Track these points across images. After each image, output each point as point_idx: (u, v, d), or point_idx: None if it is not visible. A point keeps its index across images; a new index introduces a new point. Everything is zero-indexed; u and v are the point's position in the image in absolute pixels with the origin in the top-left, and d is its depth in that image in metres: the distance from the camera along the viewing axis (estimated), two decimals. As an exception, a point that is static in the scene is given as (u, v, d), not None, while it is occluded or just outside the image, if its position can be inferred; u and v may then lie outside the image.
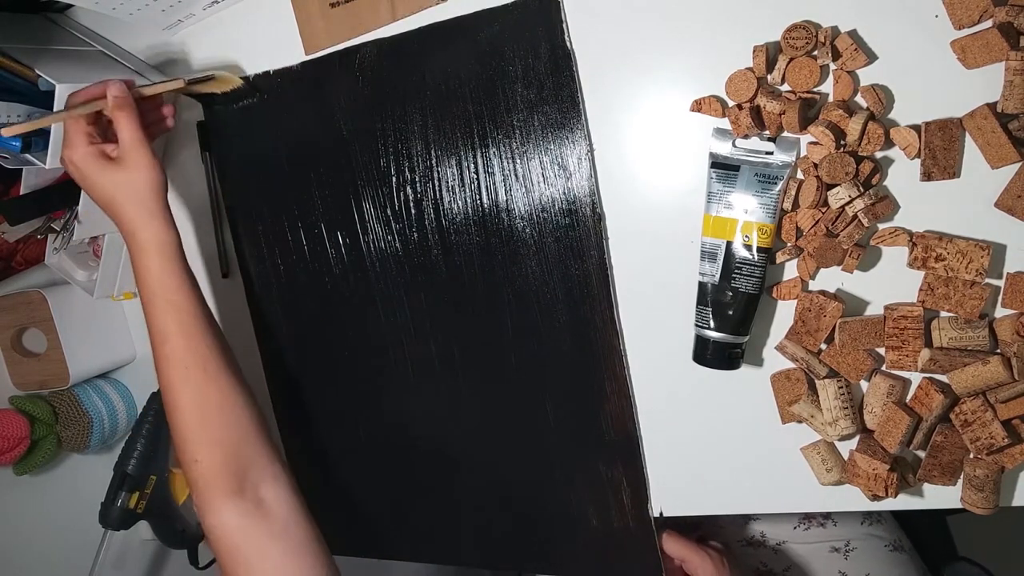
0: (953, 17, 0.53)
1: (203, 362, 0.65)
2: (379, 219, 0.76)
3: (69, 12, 0.85)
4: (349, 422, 0.83)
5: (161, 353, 0.65)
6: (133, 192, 0.64)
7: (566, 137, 0.66)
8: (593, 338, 0.69)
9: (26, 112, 0.74)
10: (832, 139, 0.55)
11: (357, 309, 0.79)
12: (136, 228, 0.65)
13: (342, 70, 0.74)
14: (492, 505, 0.78)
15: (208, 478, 0.64)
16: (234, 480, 0.64)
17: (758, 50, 0.57)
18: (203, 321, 0.66)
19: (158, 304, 0.65)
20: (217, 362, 0.66)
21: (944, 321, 0.56)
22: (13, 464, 0.92)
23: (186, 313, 0.65)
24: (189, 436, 0.64)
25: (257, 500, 0.65)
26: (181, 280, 0.66)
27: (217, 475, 0.64)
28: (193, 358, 0.65)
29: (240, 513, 0.63)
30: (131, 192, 0.64)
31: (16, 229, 0.89)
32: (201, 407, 0.65)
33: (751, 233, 0.58)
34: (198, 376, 0.65)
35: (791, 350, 0.61)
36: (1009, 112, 0.51)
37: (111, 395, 0.95)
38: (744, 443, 0.66)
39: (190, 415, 0.65)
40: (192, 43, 0.81)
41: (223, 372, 0.66)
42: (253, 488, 0.65)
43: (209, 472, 0.64)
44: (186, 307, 0.65)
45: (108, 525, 0.86)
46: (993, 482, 0.56)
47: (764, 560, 0.84)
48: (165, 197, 0.67)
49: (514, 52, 0.66)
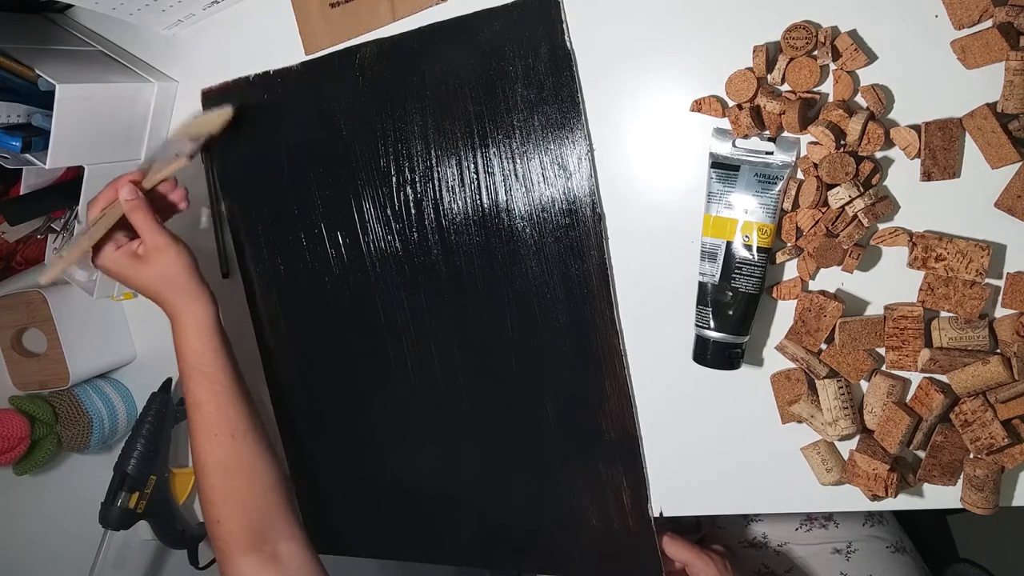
0: (953, 17, 0.52)
1: (232, 429, 0.70)
2: (379, 219, 0.76)
3: (69, 12, 0.85)
4: (348, 422, 0.83)
5: (194, 419, 0.70)
6: (167, 281, 0.70)
7: (566, 137, 0.66)
8: (593, 338, 0.69)
9: (26, 112, 0.74)
10: (832, 139, 0.55)
11: (357, 309, 0.79)
12: (177, 311, 0.70)
13: (342, 70, 0.74)
14: (492, 505, 0.78)
15: (230, 539, 0.69)
16: (254, 539, 0.69)
17: (758, 50, 0.57)
18: (235, 391, 0.71)
19: (194, 376, 0.70)
20: (245, 429, 0.71)
21: (944, 321, 0.56)
22: (13, 464, 0.92)
23: (219, 384, 0.70)
24: (215, 497, 0.69)
25: (273, 554, 0.70)
26: (216, 353, 0.71)
27: (239, 536, 0.69)
28: (223, 426, 0.70)
29: (256, 565, 0.69)
30: (166, 282, 0.70)
31: (16, 229, 0.89)
32: (227, 471, 0.70)
33: (751, 233, 0.58)
34: (226, 443, 0.70)
35: (791, 350, 0.61)
36: (1009, 112, 0.51)
37: (111, 395, 0.95)
38: (744, 443, 0.66)
39: (216, 478, 0.70)
40: (192, 43, 0.81)
41: (250, 438, 0.71)
42: (271, 544, 0.70)
43: (231, 534, 0.69)
44: (220, 378, 0.70)
45: (108, 525, 0.86)
46: (993, 482, 0.55)
47: (766, 561, 0.84)
48: (198, 272, 0.71)
49: (514, 52, 0.66)
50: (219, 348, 0.71)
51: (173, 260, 0.69)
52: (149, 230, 0.69)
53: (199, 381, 0.70)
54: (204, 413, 0.69)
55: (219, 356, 0.71)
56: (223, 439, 0.69)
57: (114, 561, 0.98)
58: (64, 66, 0.73)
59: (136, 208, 0.68)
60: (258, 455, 0.71)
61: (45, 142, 0.72)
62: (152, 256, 0.69)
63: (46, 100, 0.70)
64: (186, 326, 0.70)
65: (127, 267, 0.69)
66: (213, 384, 0.70)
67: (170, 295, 0.70)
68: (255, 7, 0.77)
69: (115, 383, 0.97)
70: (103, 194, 0.69)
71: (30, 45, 0.75)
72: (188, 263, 0.70)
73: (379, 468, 0.83)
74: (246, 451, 0.70)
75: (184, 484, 0.91)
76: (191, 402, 0.70)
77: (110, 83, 0.77)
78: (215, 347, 0.70)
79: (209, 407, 0.69)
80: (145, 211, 0.68)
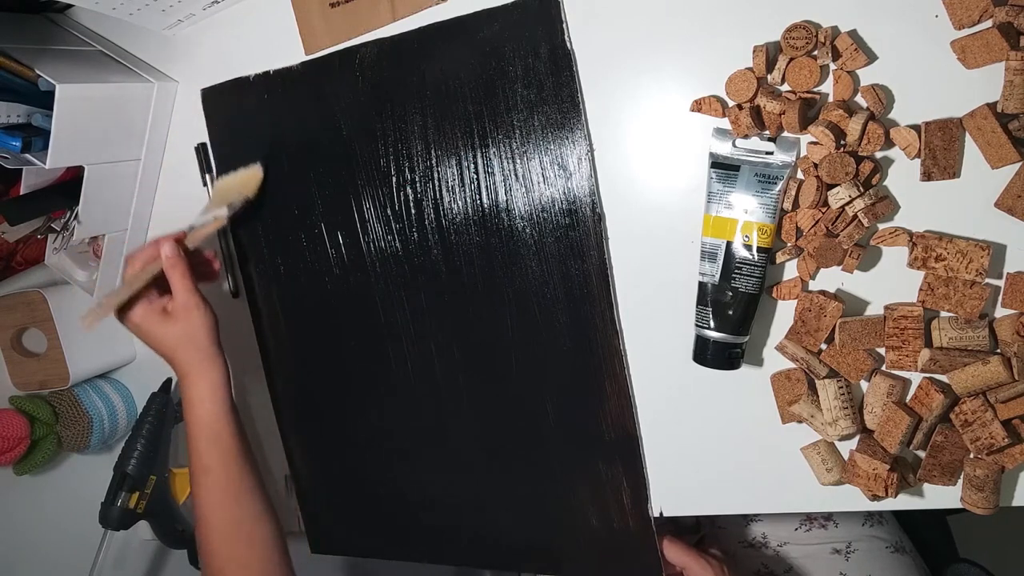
0: (953, 17, 0.52)
1: (236, 492, 0.72)
2: (379, 219, 0.76)
3: (69, 12, 0.85)
4: (348, 422, 0.83)
5: (202, 482, 0.71)
6: (189, 340, 0.71)
7: (566, 137, 0.66)
8: (593, 338, 0.69)
9: (26, 112, 0.74)
10: (832, 139, 0.55)
11: (357, 309, 0.79)
12: (191, 371, 0.71)
13: (342, 70, 0.74)
14: (492, 505, 0.78)
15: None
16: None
17: (758, 50, 0.57)
18: (242, 453, 0.72)
19: (203, 438, 0.71)
20: (249, 490, 0.72)
21: (944, 321, 0.56)
22: (13, 464, 0.92)
23: (228, 448, 0.72)
24: (217, 553, 0.71)
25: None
26: (228, 418, 0.72)
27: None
28: (229, 489, 0.71)
29: None
30: (188, 341, 0.71)
31: (16, 229, 0.89)
32: (230, 530, 0.71)
33: (751, 233, 0.58)
34: (231, 504, 0.71)
35: (791, 350, 0.61)
36: (1009, 112, 0.51)
37: (111, 395, 0.95)
38: (744, 443, 0.66)
39: (219, 536, 0.71)
40: (192, 43, 0.81)
41: (254, 499, 0.72)
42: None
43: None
44: (229, 443, 0.72)
45: (108, 525, 0.85)
46: (993, 482, 0.55)
47: (765, 562, 0.84)
48: (218, 335, 0.73)
49: (514, 52, 0.66)
50: (230, 412, 0.72)
51: (199, 320, 0.71)
52: (183, 288, 0.70)
53: (209, 446, 0.71)
54: (213, 478, 0.71)
55: (230, 421, 0.72)
56: (228, 502, 0.71)
57: (114, 561, 0.98)
58: (64, 66, 0.73)
59: (175, 266, 0.70)
60: (260, 514, 0.72)
61: (45, 142, 0.72)
62: (180, 314, 0.71)
63: (46, 100, 0.70)
64: (200, 388, 0.71)
65: (154, 323, 0.71)
66: (223, 449, 0.71)
67: (188, 355, 0.71)
68: (255, 7, 0.77)
69: (115, 383, 0.97)
70: (144, 251, 0.71)
71: (30, 45, 0.75)
72: (212, 325, 0.72)
73: (379, 468, 0.83)
74: (249, 512, 0.72)
75: (184, 484, 0.91)
76: (199, 465, 0.71)
77: (110, 83, 0.77)
78: (227, 411, 0.72)
79: (218, 472, 0.71)
80: (183, 270, 0.71)
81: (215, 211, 0.75)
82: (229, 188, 0.80)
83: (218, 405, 0.71)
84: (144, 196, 0.86)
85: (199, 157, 0.83)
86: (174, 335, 0.71)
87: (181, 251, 0.71)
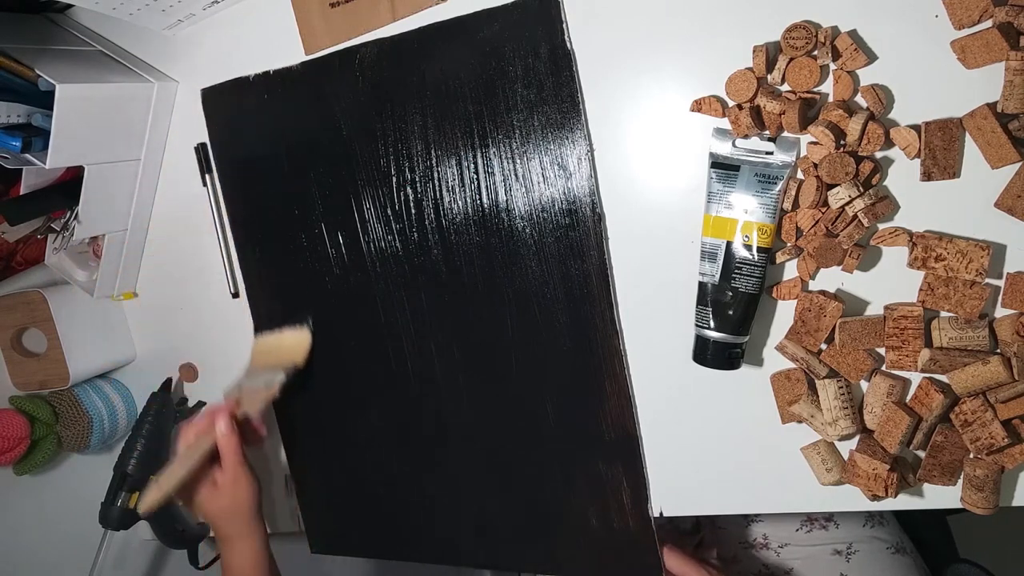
0: (953, 17, 0.52)
1: None
2: (379, 219, 0.76)
3: (69, 12, 0.85)
4: (349, 422, 0.83)
5: None
6: (236, 511, 0.74)
7: (566, 137, 0.66)
8: (593, 338, 0.69)
9: (26, 112, 0.74)
10: (832, 139, 0.55)
11: (357, 309, 0.79)
12: (236, 539, 0.75)
13: (342, 70, 0.74)
14: (492, 505, 0.78)
15: None
16: None
17: (758, 50, 0.57)
18: None
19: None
20: None
21: (944, 321, 0.56)
22: (13, 464, 0.92)
23: None
24: None
25: None
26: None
27: None
28: None
29: None
30: (233, 512, 0.74)
31: (16, 229, 0.89)
32: None
33: (751, 233, 0.58)
34: None
35: (791, 350, 0.61)
36: (1009, 112, 0.51)
37: (111, 395, 0.95)
38: (744, 443, 0.66)
39: None
40: (192, 43, 0.81)
41: None
42: None
43: None
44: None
45: (108, 525, 0.85)
46: (993, 482, 0.55)
47: (766, 562, 0.84)
48: (260, 503, 0.76)
49: (514, 52, 0.66)
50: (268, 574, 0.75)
51: (244, 493, 0.74)
52: (234, 463, 0.73)
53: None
54: None
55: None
56: None
57: (114, 561, 0.98)
58: (64, 66, 0.73)
59: (230, 441, 0.73)
60: None
61: (45, 142, 0.72)
62: (229, 488, 0.73)
63: (46, 100, 0.70)
64: (243, 555, 0.74)
65: (203, 496, 0.74)
66: None
67: (234, 525, 0.74)
68: (255, 7, 0.77)
69: (115, 383, 0.97)
70: (200, 423, 0.74)
71: (30, 45, 0.75)
72: (256, 495, 0.75)
73: (379, 468, 0.83)
74: None
75: (184, 484, 0.91)
76: None
77: (110, 83, 0.77)
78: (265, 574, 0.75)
79: None
80: (237, 445, 0.74)
81: (265, 376, 0.77)
82: (273, 350, 0.81)
83: (257, 570, 0.75)
84: (144, 196, 0.86)
85: (199, 157, 0.83)
86: (221, 508, 0.74)
87: (234, 425, 0.74)
